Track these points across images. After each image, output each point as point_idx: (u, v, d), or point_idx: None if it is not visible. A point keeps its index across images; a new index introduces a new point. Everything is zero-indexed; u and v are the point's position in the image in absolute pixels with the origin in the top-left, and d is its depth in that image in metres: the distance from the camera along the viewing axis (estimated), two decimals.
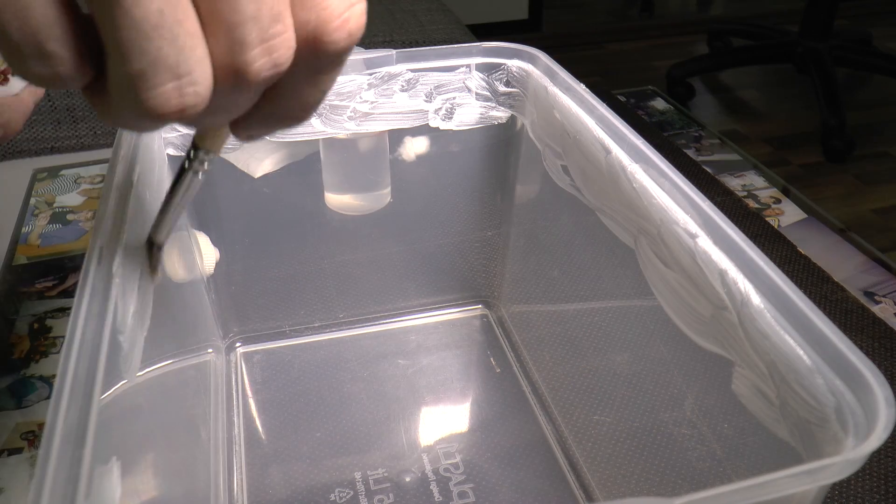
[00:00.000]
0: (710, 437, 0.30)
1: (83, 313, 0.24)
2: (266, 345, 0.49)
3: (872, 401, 0.21)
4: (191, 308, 0.40)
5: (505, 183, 0.47)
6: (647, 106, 0.82)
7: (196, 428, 0.37)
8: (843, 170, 1.71)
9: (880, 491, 0.39)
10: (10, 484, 0.40)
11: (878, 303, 0.52)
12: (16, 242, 0.59)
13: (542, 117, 0.41)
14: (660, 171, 0.31)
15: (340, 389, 0.46)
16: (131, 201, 0.29)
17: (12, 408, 0.44)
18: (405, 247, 0.49)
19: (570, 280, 0.42)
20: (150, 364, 0.28)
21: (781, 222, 0.61)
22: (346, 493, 0.39)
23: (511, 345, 0.49)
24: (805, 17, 1.88)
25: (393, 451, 0.42)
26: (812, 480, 0.19)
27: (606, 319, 0.39)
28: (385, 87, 0.42)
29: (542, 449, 0.42)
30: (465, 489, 0.39)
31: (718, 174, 0.67)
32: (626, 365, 0.38)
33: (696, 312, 0.29)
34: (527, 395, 0.45)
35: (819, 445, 0.23)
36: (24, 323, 0.50)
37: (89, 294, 0.25)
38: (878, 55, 1.96)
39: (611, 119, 0.35)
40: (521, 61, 0.42)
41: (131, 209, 0.29)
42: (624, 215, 0.34)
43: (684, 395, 0.31)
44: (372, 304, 0.50)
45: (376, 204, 0.46)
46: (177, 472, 0.31)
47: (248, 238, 0.46)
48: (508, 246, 0.49)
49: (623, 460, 0.37)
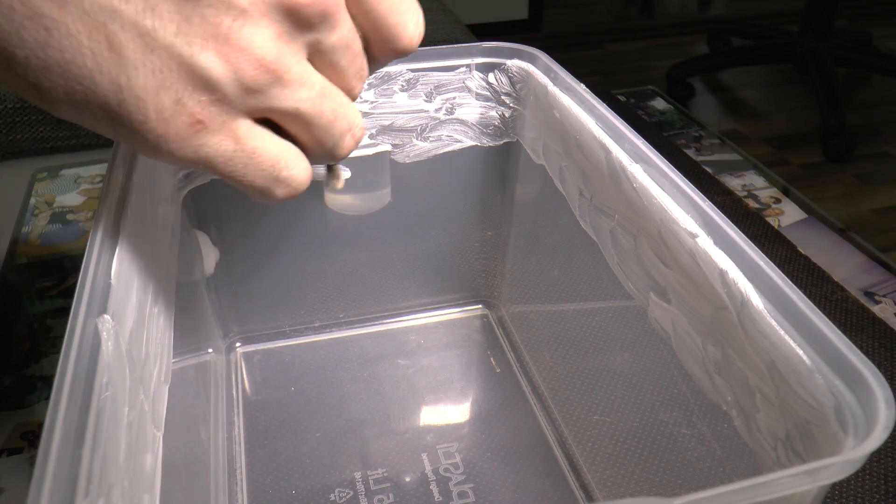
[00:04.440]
0: (710, 437, 0.30)
1: (83, 313, 0.24)
2: (266, 345, 0.49)
3: (872, 401, 0.21)
4: (191, 308, 0.40)
5: (505, 183, 0.47)
6: (647, 106, 0.82)
7: (196, 428, 0.37)
8: (843, 170, 1.71)
9: (880, 491, 0.39)
10: (10, 484, 0.40)
11: (878, 303, 0.52)
12: (16, 242, 0.59)
13: (542, 117, 0.41)
14: (660, 171, 0.31)
15: (340, 389, 0.46)
16: (131, 201, 0.29)
17: (12, 408, 0.44)
18: (405, 247, 0.49)
19: (570, 280, 0.42)
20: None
21: (781, 222, 0.61)
22: (346, 493, 0.39)
23: (511, 345, 0.49)
24: (805, 17, 1.88)
25: (393, 451, 0.42)
26: (812, 480, 0.19)
27: (606, 319, 0.39)
28: (385, 87, 0.42)
29: (541, 449, 0.42)
30: (465, 489, 0.39)
31: (718, 174, 0.67)
32: (626, 365, 0.38)
33: (696, 312, 0.29)
34: (527, 395, 0.45)
35: (819, 445, 0.23)
36: (23, 323, 0.50)
37: (89, 294, 0.25)
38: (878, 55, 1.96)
39: (611, 119, 0.35)
40: (521, 61, 0.42)
41: (131, 209, 0.29)
42: (624, 215, 0.34)
43: (684, 395, 0.31)
44: (372, 304, 0.50)
45: (376, 204, 0.46)
46: (177, 472, 0.31)
47: (248, 238, 0.46)
48: (508, 246, 0.49)
49: (623, 460, 0.37)
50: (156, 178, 0.34)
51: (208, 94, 0.22)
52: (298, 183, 0.26)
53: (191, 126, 0.22)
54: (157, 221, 0.33)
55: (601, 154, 0.35)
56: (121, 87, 0.21)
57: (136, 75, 0.21)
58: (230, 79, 0.22)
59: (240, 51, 0.22)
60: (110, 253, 0.27)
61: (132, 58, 0.21)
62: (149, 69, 0.21)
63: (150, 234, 0.31)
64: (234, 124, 0.23)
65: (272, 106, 0.23)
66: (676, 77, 1.95)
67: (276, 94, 0.23)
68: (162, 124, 0.22)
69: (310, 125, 0.25)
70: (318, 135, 0.25)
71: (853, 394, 0.22)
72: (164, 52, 0.21)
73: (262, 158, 0.24)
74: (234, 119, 0.23)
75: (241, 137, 0.23)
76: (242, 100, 0.23)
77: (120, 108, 0.21)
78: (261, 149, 0.24)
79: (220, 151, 0.23)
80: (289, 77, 0.23)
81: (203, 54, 0.21)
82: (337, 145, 0.26)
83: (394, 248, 0.49)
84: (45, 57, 0.20)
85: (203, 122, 0.22)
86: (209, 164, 0.23)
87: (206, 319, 0.45)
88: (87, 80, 0.21)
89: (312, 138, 0.25)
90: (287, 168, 0.25)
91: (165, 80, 0.21)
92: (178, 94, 0.22)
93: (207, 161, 0.23)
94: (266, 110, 0.23)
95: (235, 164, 0.24)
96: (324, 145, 0.26)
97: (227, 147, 0.23)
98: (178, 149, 0.22)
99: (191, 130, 0.22)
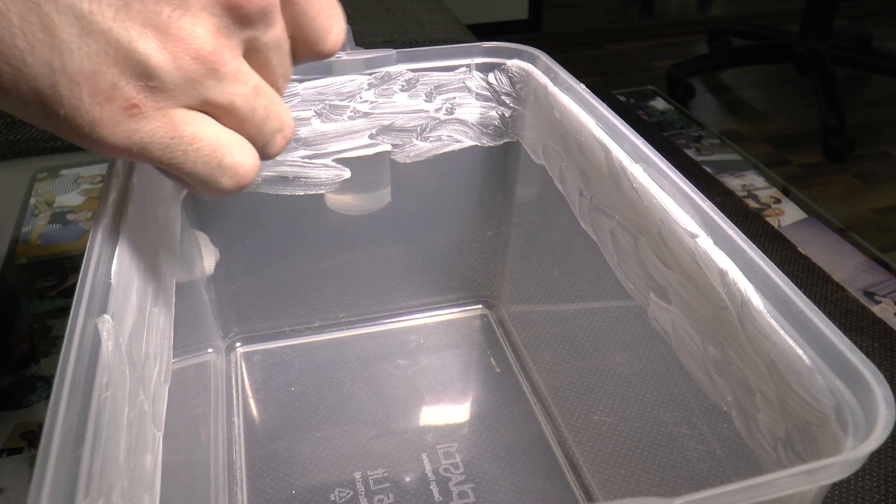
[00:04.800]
0: (710, 437, 0.30)
1: (83, 313, 0.24)
2: (266, 345, 0.49)
3: (872, 401, 0.21)
4: (191, 308, 0.40)
5: (505, 183, 0.47)
6: (647, 106, 0.82)
7: (196, 428, 0.37)
8: (843, 170, 1.71)
9: (880, 491, 0.39)
10: (10, 484, 0.40)
11: (878, 303, 0.52)
12: (16, 242, 0.59)
13: (542, 117, 0.41)
14: (660, 171, 0.31)
15: (340, 389, 0.46)
16: (131, 201, 0.29)
17: (12, 408, 0.44)
18: (405, 247, 0.49)
19: (570, 280, 0.42)
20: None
21: (781, 222, 0.61)
22: (346, 493, 0.39)
23: (511, 345, 0.49)
24: (805, 17, 1.88)
25: (393, 451, 0.42)
26: (812, 480, 0.19)
27: (606, 319, 0.39)
28: (385, 87, 0.42)
29: (541, 449, 0.42)
30: (465, 489, 0.39)
31: (718, 174, 0.67)
32: (626, 365, 0.38)
33: (696, 312, 0.29)
34: (527, 395, 0.45)
35: (819, 445, 0.23)
36: (23, 323, 0.50)
37: (89, 294, 0.25)
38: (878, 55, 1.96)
39: (611, 119, 0.35)
40: (521, 61, 0.42)
41: (131, 209, 0.29)
42: (624, 215, 0.34)
43: (684, 395, 0.31)
44: (372, 304, 0.50)
45: (376, 204, 0.46)
46: (177, 472, 0.31)
47: (248, 238, 0.46)
48: (508, 246, 0.49)
49: (623, 460, 0.37)
50: (156, 178, 0.34)
51: (145, 80, 0.22)
52: (245, 171, 0.25)
53: (125, 110, 0.22)
54: (157, 221, 0.33)
55: (601, 154, 0.35)
56: (54, 69, 0.21)
57: (70, 58, 0.21)
58: (169, 66, 0.22)
59: (179, 40, 0.22)
60: (110, 253, 0.27)
61: (67, 40, 0.20)
62: (84, 52, 0.21)
63: (150, 234, 0.31)
64: (172, 112, 0.23)
65: (208, 98, 0.23)
66: (676, 77, 1.95)
67: (213, 87, 0.23)
68: (96, 108, 0.21)
69: (243, 121, 0.25)
70: (252, 132, 0.25)
71: (853, 394, 0.22)
72: (100, 37, 0.21)
73: (202, 144, 0.24)
74: (171, 107, 0.23)
75: (179, 123, 0.23)
76: (180, 89, 0.22)
77: (52, 91, 0.21)
78: (200, 133, 0.24)
79: (157, 138, 0.23)
80: (225, 70, 0.23)
81: (142, 41, 0.21)
82: (268, 143, 0.26)
83: (394, 248, 0.49)
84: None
85: (138, 106, 0.22)
86: (145, 152, 0.23)
87: (206, 319, 0.45)
88: (18, 60, 0.20)
89: (245, 135, 0.25)
90: (231, 154, 0.25)
91: (101, 65, 0.21)
92: (113, 79, 0.21)
93: (142, 147, 0.23)
94: (203, 102, 0.23)
95: (174, 151, 0.23)
96: (256, 142, 0.26)
97: (164, 133, 0.23)
98: (112, 134, 0.22)
99: (125, 115, 0.22)
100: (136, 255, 0.29)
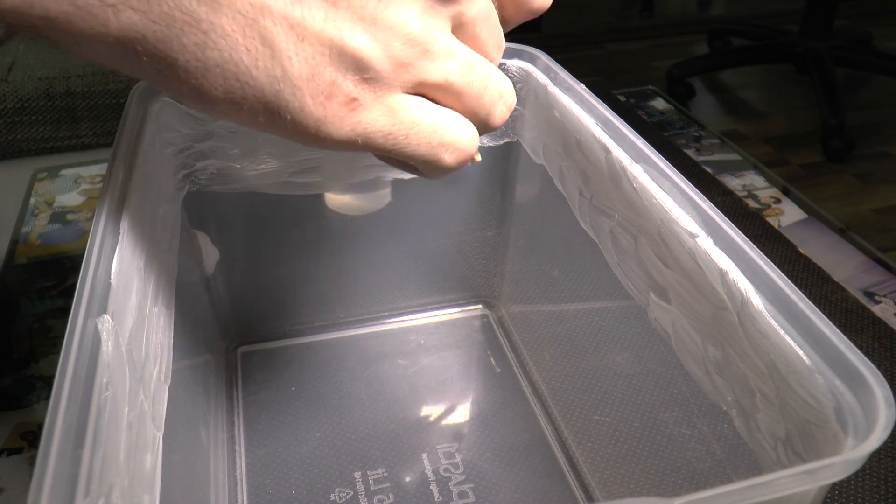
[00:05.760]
0: (710, 437, 0.30)
1: (83, 313, 0.24)
2: (266, 345, 0.49)
3: (872, 401, 0.21)
4: (191, 308, 0.40)
5: (505, 183, 0.47)
6: (647, 106, 0.82)
7: (196, 428, 0.37)
8: (843, 170, 1.71)
9: (880, 491, 0.39)
10: (10, 484, 0.40)
11: (878, 303, 0.52)
12: (16, 242, 0.59)
13: (542, 117, 0.41)
14: (660, 171, 0.31)
15: (340, 389, 0.46)
16: (131, 201, 0.29)
17: (12, 408, 0.44)
18: (405, 247, 0.49)
19: (570, 280, 0.42)
20: None
21: (781, 222, 0.61)
22: (346, 493, 0.39)
23: (511, 345, 0.49)
24: (805, 17, 1.88)
25: (393, 451, 0.42)
26: (812, 480, 0.19)
27: (606, 319, 0.39)
28: None
29: (541, 449, 0.42)
30: (465, 489, 0.39)
31: (718, 174, 0.67)
32: (626, 365, 0.38)
33: (696, 312, 0.29)
34: (527, 395, 0.45)
35: (819, 445, 0.23)
36: (23, 323, 0.50)
37: (89, 294, 0.25)
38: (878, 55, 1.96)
39: (611, 119, 0.35)
40: (521, 61, 0.42)
41: (131, 209, 0.29)
42: (624, 215, 0.34)
43: (684, 395, 0.31)
44: (372, 304, 0.50)
45: (376, 204, 0.46)
46: (177, 472, 0.31)
47: (248, 238, 0.46)
48: (508, 246, 0.49)
49: (623, 460, 0.37)
50: (156, 178, 0.34)
51: (361, 73, 0.23)
52: (466, 144, 0.26)
53: (346, 105, 0.23)
54: (157, 221, 0.33)
55: (601, 154, 0.35)
56: (277, 78, 0.22)
57: (290, 65, 0.22)
58: (381, 56, 0.23)
59: (387, 28, 0.23)
60: (110, 253, 0.27)
61: (285, 49, 0.22)
62: (301, 57, 0.22)
63: (150, 234, 0.31)
64: (389, 99, 0.24)
65: (423, 79, 0.24)
66: (676, 77, 1.95)
67: (426, 67, 0.24)
68: (319, 108, 0.23)
69: (461, 95, 0.25)
70: (471, 104, 0.26)
71: (853, 394, 0.22)
72: (314, 40, 0.22)
73: (422, 127, 0.25)
74: (388, 94, 0.24)
75: (397, 110, 0.24)
76: (394, 75, 0.23)
77: (278, 99, 0.22)
78: (419, 116, 0.25)
79: (379, 126, 0.24)
80: (436, 49, 0.24)
81: (353, 36, 0.22)
82: (490, 114, 0.27)
83: (394, 248, 0.49)
84: (204, 59, 0.21)
85: (358, 99, 0.23)
86: (369, 141, 0.24)
87: (206, 319, 0.45)
88: (245, 75, 0.22)
89: (466, 109, 0.26)
90: (450, 131, 0.25)
91: (318, 66, 0.22)
92: (331, 77, 0.22)
93: (367, 137, 0.24)
94: (418, 84, 0.24)
95: (396, 137, 0.24)
96: (477, 115, 0.26)
97: (385, 121, 0.24)
98: (337, 130, 0.23)
99: (347, 109, 0.23)
100: (136, 255, 0.29)
